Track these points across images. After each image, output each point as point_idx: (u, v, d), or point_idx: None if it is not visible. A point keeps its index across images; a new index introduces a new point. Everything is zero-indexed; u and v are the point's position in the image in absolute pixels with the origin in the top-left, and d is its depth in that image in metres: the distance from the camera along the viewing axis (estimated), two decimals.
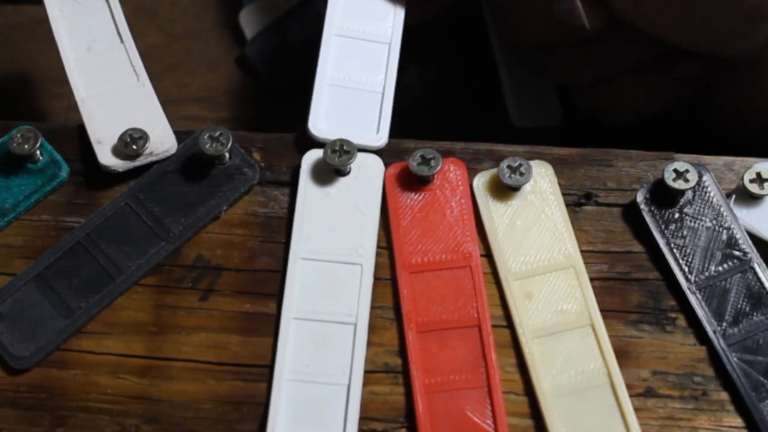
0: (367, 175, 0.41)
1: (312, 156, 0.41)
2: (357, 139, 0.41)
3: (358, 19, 0.44)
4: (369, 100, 0.42)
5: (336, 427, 0.38)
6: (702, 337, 0.39)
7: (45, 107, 0.53)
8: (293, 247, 0.40)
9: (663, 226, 0.40)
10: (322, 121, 0.41)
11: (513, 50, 0.52)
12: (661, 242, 0.40)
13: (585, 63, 0.48)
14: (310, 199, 0.41)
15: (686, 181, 0.40)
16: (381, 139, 0.41)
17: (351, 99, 0.42)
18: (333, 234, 0.40)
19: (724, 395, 0.39)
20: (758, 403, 0.38)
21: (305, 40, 0.53)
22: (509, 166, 0.41)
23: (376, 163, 0.42)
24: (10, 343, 0.39)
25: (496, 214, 0.41)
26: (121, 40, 0.43)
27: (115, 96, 0.42)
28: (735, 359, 0.38)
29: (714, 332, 0.39)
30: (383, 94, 0.42)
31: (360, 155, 0.41)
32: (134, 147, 0.41)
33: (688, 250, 0.40)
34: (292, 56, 0.54)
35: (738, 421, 0.38)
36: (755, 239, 0.40)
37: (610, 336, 0.39)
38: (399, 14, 0.44)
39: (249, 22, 0.55)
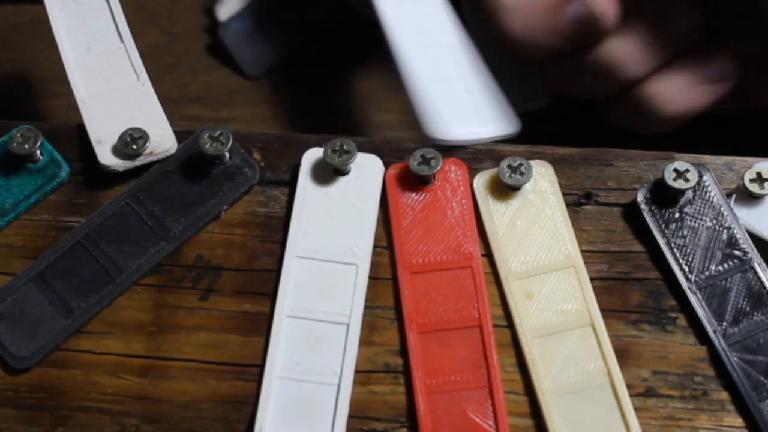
0: (367, 176, 0.41)
1: (312, 155, 0.41)
2: (492, 132, 0.41)
3: (418, 22, 0.43)
4: (477, 89, 0.42)
5: (324, 427, 0.38)
6: (702, 336, 0.39)
7: (45, 107, 0.53)
8: (289, 245, 0.40)
9: (663, 226, 0.40)
10: (442, 122, 0.41)
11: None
12: (662, 242, 0.40)
13: (602, 72, 0.45)
14: (309, 197, 0.41)
15: (686, 180, 0.40)
16: (512, 127, 0.42)
17: (457, 92, 0.42)
18: (330, 233, 0.40)
19: (724, 395, 0.39)
20: (758, 403, 0.38)
21: (280, 23, 0.53)
22: (509, 166, 0.40)
23: (375, 164, 0.41)
24: (10, 343, 0.39)
25: (497, 214, 0.41)
26: (121, 40, 0.43)
27: (115, 96, 0.42)
28: (735, 359, 0.38)
29: (714, 332, 0.39)
30: (468, 84, 0.42)
31: (360, 155, 0.41)
32: (134, 147, 0.41)
33: (688, 250, 0.40)
34: (268, 39, 0.54)
35: (738, 421, 0.38)
36: (755, 239, 0.40)
37: (610, 336, 0.39)
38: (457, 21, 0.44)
39: (224, 6, 0.55)
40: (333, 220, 0.41)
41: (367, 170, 0.41)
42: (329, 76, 0.55)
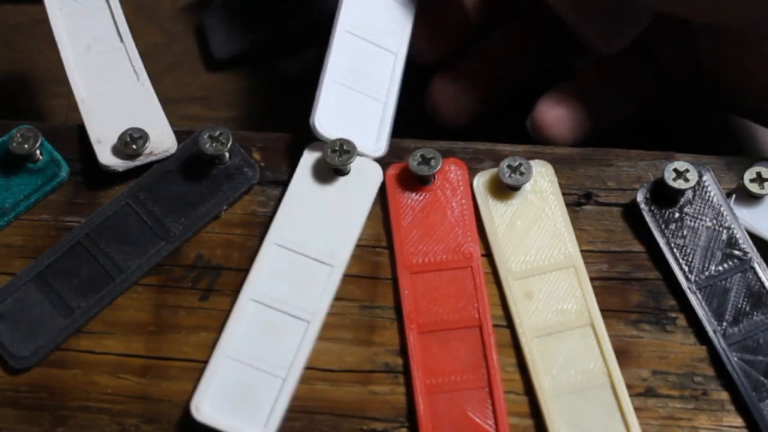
0: (365, 180, 0.41)
1: (313, 152, 0.41)
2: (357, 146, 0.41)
3: (370, 20, 0.43)
4: (372, 107, 0.42)
5: (260, 417, 0.38)
6: (702, 336, 0.39)
7: (45, 107, 0.53)
8: (271, 231, 0.40)
9: (663, 226, 0.40)
10: (326, 119, 0.41)
11: None
12: (661, 242, 0.40)
13: None
14: (301, 191, 0.41)
15: (686, 180, 0.40)
16: (379, 150, 0.41)
17: (356, 102, 0.42)
18: (313, 230, 0.40)
19: (724, 395, 0.39)
20: (758, 403, 0.38)
21: (257, 13, 0.53)
22: (509, 166, 0.41)
23: (374, 169, 0.41)
24: (10, 343, 0.39)
25: (497, 214, 0.41)
26: (121, 40, 0.43)
27: (115, 96, 0.42)
28: (735, 359, 0.38)
29: (714, 332, 0.39)
30: (386, 103, 0.42)
31: (360, 160, 0.41)
32: (134, 146, 0.41)
33: (688, 250, 0.40)
34: (242, 26, 0.54)
35: (738, 421, 0.38)
36: (755, 239, 0.40)
37: (610, 336, 0.39)
38: (407, 30, 0.44)
39: None
40: (320, 218, 0.40)
41: (366, 175, 0.41)
42: None
